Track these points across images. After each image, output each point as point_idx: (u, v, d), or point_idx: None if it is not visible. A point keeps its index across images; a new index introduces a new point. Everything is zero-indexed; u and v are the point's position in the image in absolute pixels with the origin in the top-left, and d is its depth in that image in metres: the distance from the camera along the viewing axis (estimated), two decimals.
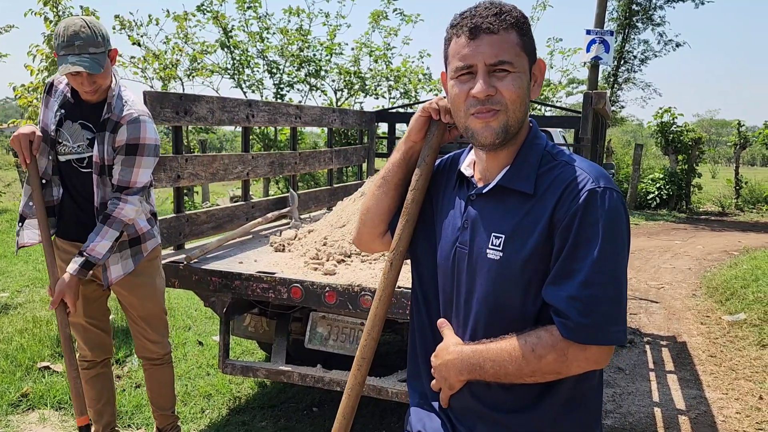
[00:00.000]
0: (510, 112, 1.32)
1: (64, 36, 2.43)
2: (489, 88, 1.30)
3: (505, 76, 1.31)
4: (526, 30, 1.35)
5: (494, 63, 1.30)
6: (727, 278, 7.08)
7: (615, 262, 1.27)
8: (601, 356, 1.28)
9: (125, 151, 2.54)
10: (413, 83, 12.20)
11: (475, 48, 1.30)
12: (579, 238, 1.26)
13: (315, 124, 4.86)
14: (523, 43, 1.33)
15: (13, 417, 3.45)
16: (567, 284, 1.26)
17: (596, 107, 3.19)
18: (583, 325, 1.24)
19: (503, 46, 1.30)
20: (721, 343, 5.18)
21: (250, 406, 3.70)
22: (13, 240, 8.59)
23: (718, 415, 3.84)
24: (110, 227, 2.53)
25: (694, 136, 15.24)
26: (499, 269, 1.33)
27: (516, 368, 1.29)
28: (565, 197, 1.29)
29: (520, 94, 1.32)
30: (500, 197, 1.37)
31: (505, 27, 1.30)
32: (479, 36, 1.30)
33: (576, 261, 1.26)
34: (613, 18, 19.08)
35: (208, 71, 11.69)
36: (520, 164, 1.37)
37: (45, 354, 4.24)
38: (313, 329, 3.09)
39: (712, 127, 45.34)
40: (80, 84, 2.51)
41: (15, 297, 5.70)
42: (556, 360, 1.26)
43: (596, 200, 1.27)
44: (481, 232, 1.37)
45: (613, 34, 11.18)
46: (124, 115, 2.53)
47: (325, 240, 3.34)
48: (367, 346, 1.48)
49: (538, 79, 1.39)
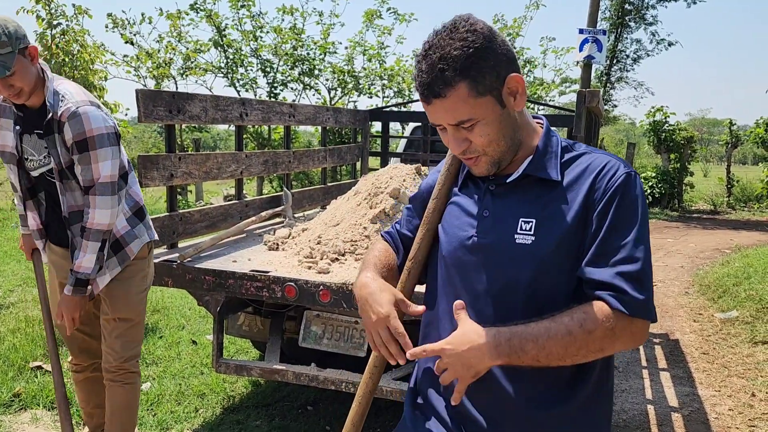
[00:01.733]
0: (489, 153, 1.35)
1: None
2: (461, 144, 1.34)
3: (472, 127, 1.32)
4: (477, 70, 1.26)
5: (455, 123, 1.32)
6: (719, 276, 7.12)
7: (647, 241, 1.32)
8: (644, 332, 1.30)
9: (77, 149, 2.34)
10: (407, 82, 12.21)
11: (434, 112, 1.32)
12: (620, 217, 1.29)
13: (309, 123, 4.86)
14: (476, 90, 1.27)
15: (5, 417, 3.43)
16: (614, 261, 1.28)
17: (590, 106, 3.19)
18: (638, 299, 1.25)
19: (456, 107, 1.29)
20: (714, 341, 5.21)
21: (244, 405, 3.69)
22: (5, 239, 8.49)
23: (710, 412, 3.86)
24: (89, 240, 2.40)
25: (686, 135, 15.30)
26: (529, 253, 1.33)
27: (562, 347, 1.25)
28: (599, 181, 1.32)
29: (493, 136, 1.33)
30: (526, 185, 1.38)
31: (450, 85, 1.26)
32: (431, 101, 1.30)
33: (620, 239, 1.28)
34: (605, 17, 19.14)
35: (202, 70, 11.66)
36: (542, 154, 1.39)
37: (37, 354, 4.22)
38: (307, 328, 3.09)
39: (704, 126, 45.54)
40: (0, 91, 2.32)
41: (7, 296, 5.66)
42: (605, 334, 1.25)
43: (631, 182, 1.31)
44: (507, 219, 1.37)
45: (605, 34, 11.21)
46: (62, 112, 2.32)
47: (319, 238, 3.34)
48: (381, 356, 1.46)
49: (519, 90, 1.33)
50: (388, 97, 12.37)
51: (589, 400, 1.38)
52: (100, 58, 5.18)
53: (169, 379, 3.95)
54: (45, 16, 4.85)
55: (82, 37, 5.05)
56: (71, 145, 2.34)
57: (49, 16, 4.84)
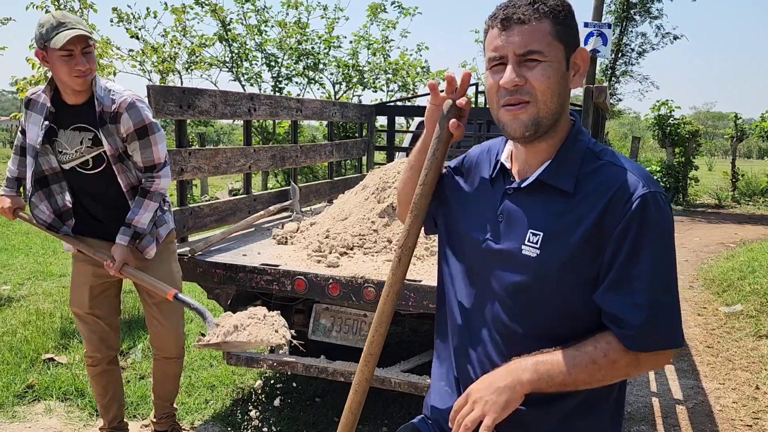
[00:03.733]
0: (540, 103, 1.29)
1: (54, 20, 2.44)
2: (517, 78, 1.27)
3: (535, 66, 1.28)
4: (564, 18, 1.30)
5: (523, 53, 1.27)
6: (724, 270, 7.14)
7: (670, 265, 1.28)
8: (667, 357, 1.31)
9: (138, 136, 2.60)
10: (411, 76, 12.21)
11: (506, 38, 1.28)
12: (637, 243, 1.25)
13: (315, 118, 4.89)
14: (557, 32, 1.29)
15: (20, 408, 3.48)
16: (627, 291, 1.26)
17: (596, 101, 3.22)
18: (643, 332, 1.25)
19: (534, 36, 1.27)
20: (718, 334, 5.24)
21: (253, 396, 3.74)
22: (14, 233, 8.56)
23: (715, 404, 3.89)
24: (150, 200, 2.67)
25: (691, 129, 15.28)
26: (534, 266, 1.32)
27: (588, 374, 1.28)
28: (615, 201, 1.27)
29: (551, 84, 1.28)
30: (539, 193, 1.35)
31: (537, 16, 1.27)
32: (510, 26, 1.28)
33: (635, 267, 1.25)
34: (611, 11, 19.07)
35: (207, 64, 11.69)
36: (561, 160, 1.35)
37: (49, 345, 4.28)
38: (316, 321, 3.13)
39: (708, 120, 45.38)
40: (69, 73, 2.47)
41: (17, 290, 5.72)
42: (629, 363, 1.27)
43: (650, 205, 1.26)
44: (518, 227, 1.35)
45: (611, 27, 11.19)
46: (119, 104, 2.56)
47: (328, 232, 3.38)
48: (374, 342, 1.46)
49: (581, 69, 1.35)
50: (392, 92, 12.39)
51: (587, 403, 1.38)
52: (107, 53, 5.19)
53: None
54: (54, 12, 4.88)
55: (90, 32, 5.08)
56: (130, 133, 2.58)
57: (58, 11, 4.86)
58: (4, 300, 5.33)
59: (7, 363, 3.97)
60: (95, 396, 3.02)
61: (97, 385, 2.98)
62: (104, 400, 2.99)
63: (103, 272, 2.75)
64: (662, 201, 1.29)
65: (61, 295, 5.50)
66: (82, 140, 2.62)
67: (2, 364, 3.96)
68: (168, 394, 3.09)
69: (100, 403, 3.00)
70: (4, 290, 5.67)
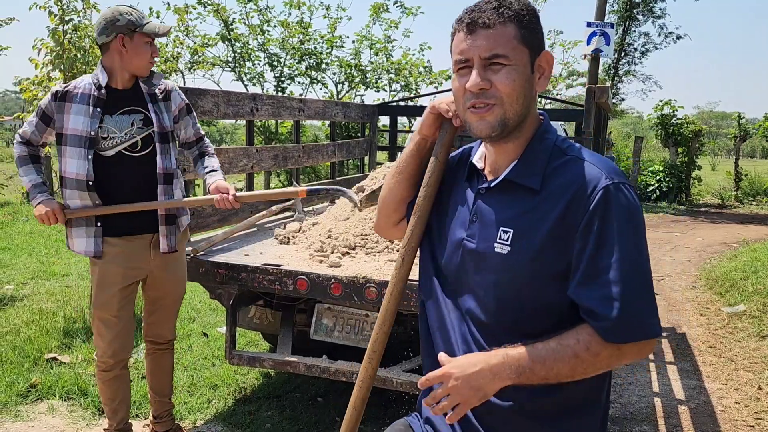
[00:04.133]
0: (506, 105, 1.33)
1: (136, 12, 2.69)
2: (482, 82, 1.31)
3: (500, 70, 1.31)
4: (528, 22, 1.34)
5: (488, 56, 1.31)
6: (726, 270, 7.13)
7: (639, 254, 1.28)
8: (649, 346, 1.31)
9: (186, 112, 2.94)
10: (414, 76, 12.21)
11: (472, 42, 1.32)
12: (602, 236, 1.27)
13: (318, 118, 4.90)
14: (522, 36, 1.32)
15: (23, 407, 3.50)
16: (598, 284, 1.27)
17: (599, 101, 3.22)
18: (619, 323, 1.25)
19: (498, 40, 1.30)
20: (721, 335, 5.23)
21: (255, 396, 3.75)
22: (17, 233, 8.59)
23: (717, 405, 3.89)
24: (213, 157, 3.04)
25: (694, 129, 15.26)
26: (506, 263, 1.35)
27: (570, 368, 1.29)
28: (578, 196, 1.29)
29: (516, 87, 1.32)
30: (508, 191, 1.39)
31: (502, 21, 1.31)
32: (476, 30, 1.32)
33: (603, 259, 1.27)
34: (613, 10, 19.04)
35: (209, 64, 11.71)
36: (527, 159, 1.39)
37: (52, 345, 4.29)
38: (318, 320, 3.13)
39: (711, 120, 45.31)
40: (148, 60, 2.73)
41: (20, 289, 5.74)
42: (612, 355, 1.28)
43: (612, 196, 1.28)
44: (489, 226, 1.39)
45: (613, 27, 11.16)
46: (167, 84, 2.86)
47: (330, 232, 3.38)
48: (378, 340, 1.49)
49: (545, 72, 1.39)
50: (395, 91, 12.39)
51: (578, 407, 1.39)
52: None
53: (181, 371, 4.00)
54: (57, 12, 4.90)
55: (93, 33, 5.09)
56: (182, 108, 2.90)
57: (61, 11, 4.88)
58: (7, 299, 5.35)
59: (11, 362, 3.98)
60: (103, 400, 2.94)
61: (108, 390, 2.90)
62: (113, 404, 2.93)
63: (133, 273, 2.79)
64: (626, 191, 1.30)
65: (64, 294, 5.51)
66: (133, 122, 2.74)
67: (5, 363, 3.98)
68: (165, 388, 3.11)
69: (109, 407, 2.94)
70: (7, 290, 5.69)
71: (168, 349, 3.09)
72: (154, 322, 3.00)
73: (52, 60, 4.82)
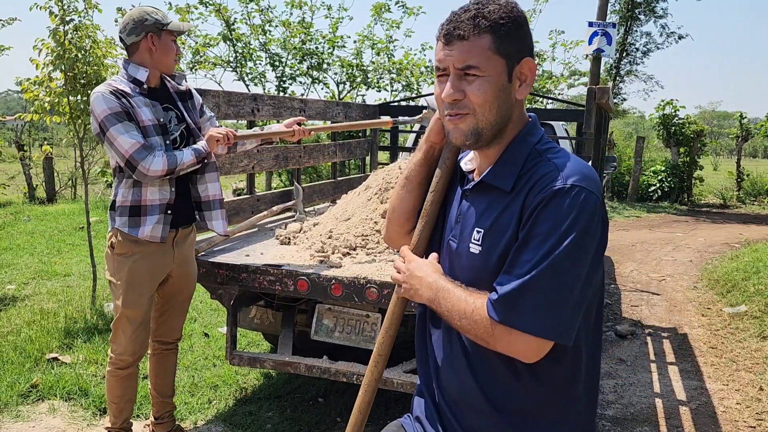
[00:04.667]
0: (479, 115, 1.35)
1: (159, 12, 2.76)
2: (456, 93, 1.34)
3: (473, 81, 1.33)
4: (507, 32, 1.33)
5: (461, 67, 1.33)
6: (728, 270, 7.12)
7: (564, 257, 1.25)
8: (525, 347, 1.29)
9: (206, 107, 3.06)
10: (415, 76, 12.19)
11: (448, 52, 1.34)
12: (533, 232, 1.28)
13: (319, 118, 4.90)
14: (497, 47, 1.32)
15: (24, 407, 3.50)
16: (511, 271, 1.29)
17: (599, 102, 3.21)
18: (506, 302, 1.27)
19: (473, 51, 1.32)
20: (722, 335, 5.22)
21: (256, 396, 3.75)
22: (19, 233, 8.61)
23: (718, 405, 3.88)
24: None
25: (695, 129, 15.22)
26: (477, 263, 1.38)
27: (458, 320, 1.36)
28: (532, 192, 1.31)
29: (488, 98, 1.33)
30: (484, 193, 1.42)
31: (476, 32, 1.31)
32: (452, 41, 1.33)
33: (524, 253, 1.28)
34: (615, 10, 19.03)
35: (211, 64, 11.70)
36: (503, 162, 1.40)
37: (53, 345, 4.29)
38: (319, 321, 3.14)
39: (713, 119, 45.21)
40: (172, 61, 2.82)
41: (22, 289, 5.75)
42: (485, 331, 1.31)
43: (557, 197, 1.27)
44: (468, 227, 1.42)
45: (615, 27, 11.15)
46: (185, 84, 2.98)
47: (331, 233, 3.38)
48: (384, 344, 1.51)
49: (527, 79, 1.38)
50: (396, 91, 12.37)
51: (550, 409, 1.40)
52: (111, 53, 5.20)
53: (182, 371, 4.01)
54: (58, 12, 4.89)
55: (94, 33, 5.08)
56: (201, 104, 3.01)
57: (62, 11, 4.88)
58: (8, 299, 5.35)
59: (12, 362, 3.99)
60: (111, 398, 2.92)
61: (119, 388, 2.89)
62: (122, 403, 2.92)
63: (161, 270, 2.84)
64: (577, 194, 1.27)
65: (65, 294, 5.52)
66: (171, 119, 2.83)
67: (6, 363, 3.98)
68: (168, 389, 3.13)
69: (117, 405, 2.92)
70: (8, 290, 5.69)
71: (173, 349, 3.13)
72: (165, 321, 3.03)
73: (53, 60, 4.81)
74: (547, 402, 1.40)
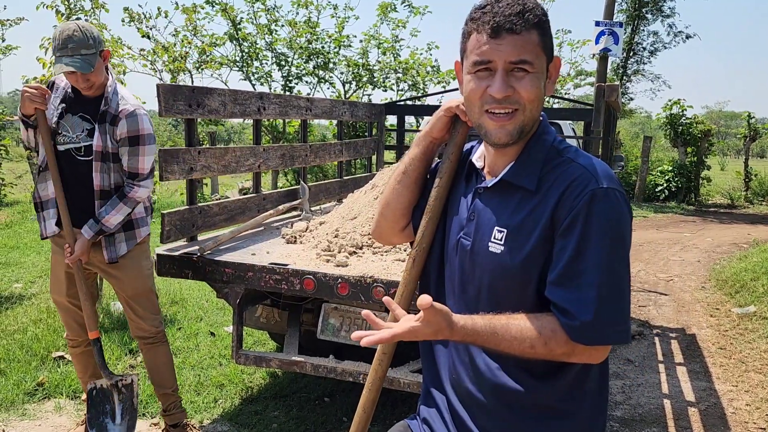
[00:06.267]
0: (527, 112, 1.33)
1: (59, 39, 2.70)
2: (507, 89, 1.30)
3: (524, 77, 1.31)
4: (547, 29, 1.35)
5: (516, 61, 1.30)
6: (736, 271, 7.07)
7: (618, 262, 1.28)
8: (602, 353, 1.33)
9: (128, 143, 2.83)
10: (421, 75, 12.18)
11: (497, 46, 1.30)
12: (583, 239, 1.26)
13: (325, 117, 4.88)
14: (543, 43, 1.33)
15: (30, 405, 3.50)
16: (573, 285, 1.27)
17: (608, 100, 3.19)
18: (589, 326, 1.25)
19: (526, 46, 1.30)
20: (731, 336, 5.18)
21: (262, 395, 3.74)
22: (26, 231, 8.65)
23: (728, 407, 3.85)
24: (125, 204, 2.85)
25: (703, 128, 15.16)
26: (499, 263, 1.35)
27: (519, 352, 1.30)
28: (566, 196, 1.29)
29: (538, 94, 1.33)
30: (505, 192, 1.39)
31: (527, 27, 1.30)
32: (501, 35, 1.29)
33: (580, 262, 1.26)
34: (622, 9, 18.93)
35: (217, 63, 11.72)
36: (524, 160, 1.38)
37: (59, 344, 4.29)
38: (325, 320, 3.12)
39: (721, 119, 44.98)
40: (75, 81, 2.79)
41: (28, 288, 5.76)
42: (564, 353, 1.30)
43: (598, 200, 1.27)
44: (485, 226, 1.39)
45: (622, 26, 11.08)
46: (121, 110, 2.82)
47: (337, 232, 3.36)
48: (389, 343, 1.49)
49: (553, 76, 1.40)
50: (402, 91, 12.36)
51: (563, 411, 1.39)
52: (118, 53, 5.21)
53: (188, 370, 4.00)
54: (64, 11, 4.90)
55: (100, 32, 5.09)
56: (123, 138, 2.82)
57: (68, 11, 4.89)
58: (15, 298, 5.36)
59: (18, 361, 3.99)
60: (77, 373, 3.25)
61: (78, 364, 3.19)
62: (86, 377, 3.17)
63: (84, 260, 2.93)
64: (615, 197, 1.29)
65: None
66: (83, 129, 2.87)
67: (13, 362, 3.99)
68: (165, 381, 3.16)
69: (82, 380, 3.22)
70: (15, 288, 5.71)
71: (156, 342, 3.14)
72: (128, 318, 3.14)
73: None
74: (562, 398, 1.38)
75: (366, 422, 1.53)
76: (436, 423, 1.53)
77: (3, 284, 5.84)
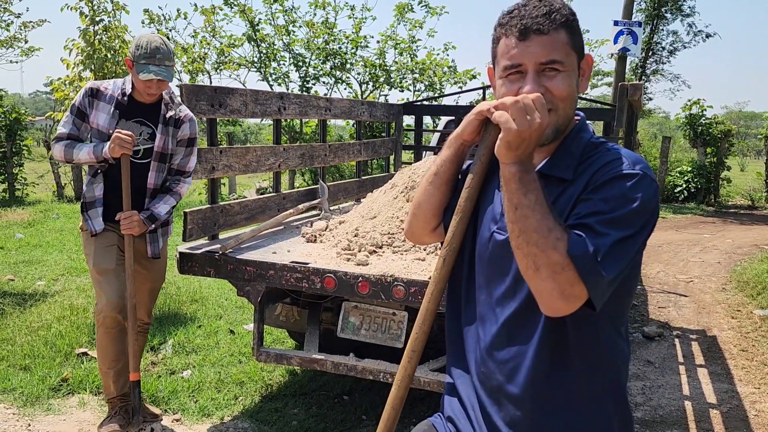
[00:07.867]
0: (560, 110, 1.34)
1: (147, 48, 2.90)
2: (539, 89, 1.31)
3: (555, 76, 1.32)
4: (575, 27, 1.36)
5: (545, 62, 1.31)
6: (758, 272, 6.98)
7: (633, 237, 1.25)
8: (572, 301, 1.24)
9: (187, 144, 3.15)
10: (438, 76, 12.17)
11: (525, 48, 1.31)
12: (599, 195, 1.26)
13: (344, 117, 4.90)
14: (572, 42, 1.34)
15: (54, 401, 3.56)
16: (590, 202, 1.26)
17: (631, 99, 3.17)
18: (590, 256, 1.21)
19: (554, 46, 1.31)
20: (753, 338, 5.12)
21: (282, 393, 3.77)
22: (48, 230, 8.77)
23: (750, 409, 3.81)
24: (172, 197, 3.16)
25: (723, 129, 14.98)
26: None
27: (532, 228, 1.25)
28: (597, 174, 1.30)
29: (570, 92, 1.34)
30: (542, 184, 1.37)
31: (555, 27, 1.31)
32: (529, 37, 1.31)
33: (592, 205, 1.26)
34: (641, 9, 18.75)
35: (236, 64, 11.81)
36: (562, 154, 1.39)
37: (83, 340, 4.36)
38: (345, 319, 3.14)
39: (741, 119, 44.37)
40: (149, 87, 2.97)
41: (52, 285, 5.84)
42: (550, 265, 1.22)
43: (629, 179, 1.27)
44: None
45: (641, 25, 11.02)
46: (184, 115, 3.12)
47: (357, 231, 3.38)
48: (417, 339, 1.49)
49: (586, 73, 1.40)
50: (419, 91, 12.36)
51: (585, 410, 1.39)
52: None
53: (208, 368, 4.04)
54: (88, 13, 4.98)
55: (123, 33, 5.17)
56: (184, 139, 3.13)
57: (92, 12, 4.97)
58: (39, 295, 5.45)
59: (42, 357, 4.06)
60: (108, 363, 3.10)
61: (113, 348, 3.09)
62: (118, 365, 3.12)
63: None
64: (646, 180, 1.28)
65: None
66: (141, 132, 3.07)
67: (38, 357, 4.05)
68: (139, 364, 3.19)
69: (114, 369, 3.11)
70: (39, 285, 5.79)
71: (141, 332, 3.30)
72: (141, 306, 3.27)
73: (83, 60, 4.90)
74: (590, 389, 1.38)
75: (394, 420, 1.54)
76: (461, 421, 1.53)
77: (27, 282, 5.93)
